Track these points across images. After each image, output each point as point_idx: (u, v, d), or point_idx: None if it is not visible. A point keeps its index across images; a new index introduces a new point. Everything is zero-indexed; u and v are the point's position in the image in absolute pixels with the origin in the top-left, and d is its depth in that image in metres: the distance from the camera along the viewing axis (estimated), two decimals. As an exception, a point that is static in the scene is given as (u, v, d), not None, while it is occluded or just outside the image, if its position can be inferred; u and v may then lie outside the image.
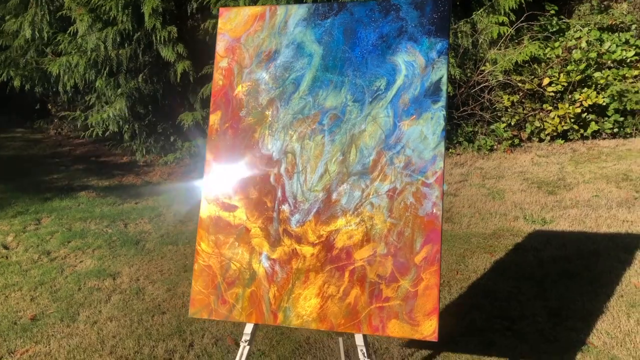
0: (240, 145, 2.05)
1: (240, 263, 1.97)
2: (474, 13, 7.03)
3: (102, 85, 6.50)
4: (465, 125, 7.36)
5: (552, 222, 4.65)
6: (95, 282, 3.78)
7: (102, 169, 7.18)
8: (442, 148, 1.88)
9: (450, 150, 7.15)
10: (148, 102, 6.77)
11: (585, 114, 7.18)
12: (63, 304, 3.46)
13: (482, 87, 7.29)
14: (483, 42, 7.08)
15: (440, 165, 1.87)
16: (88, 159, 7.76)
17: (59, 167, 7.28)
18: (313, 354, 2.85)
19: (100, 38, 6.27)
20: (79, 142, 8.64)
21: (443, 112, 1.90)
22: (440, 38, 1.94)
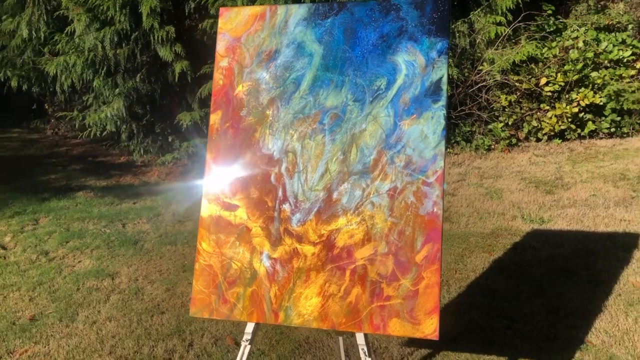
0: (241, 145, 2.05)
1: (241, 262, 1.98)
2: (472, 13, 7.04)
3: (99, 85, 6.48)
4: (463, 125, 7.37)
5: (550, 221, 4.67)
6: (94, 282, 3.78)
7: (99, 169, 7.17)
8: (442, 147, 1.89)
9: (448, 150, 7.16)
10: (146, 102, 6.76)
11: (583, 114, 7.21)
12: (62, 304, 3.45)
13: (479, 86, 7.31)
14: (480, 42, 7.10)
15: (441, 165, 1.88)
16: (85, 159, 7.75)
17: (56, 167, 7.27)
18: (313, 354, 2.85)
19: (98, 38, 6.26)
20: (76, 142, 8.62)
21: (443, 111, 1.91)
22: (441, 38, 1.94)
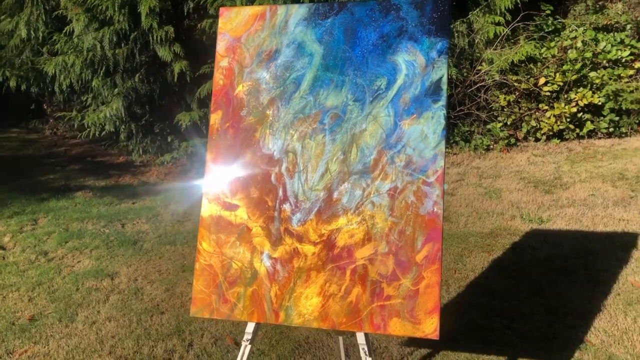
0: (241, 145, 2.05)
1: (242, 262, 1.98)
2: (470, 13, 7.05)
3: (98, 85, 6.47)
4: (462, 125, 7.38)
5: (548, 221, 4.68)
6: (93, 282, 3.78)
7: (98, 169, 7.16)
8: (442, 147, 1.89)
9: (447, 150, 7.15)
10: (145, 102, 6.75)
11: (581, 114, 7.22)
12: (61, 305, 3.45)
13: (478, 86, 7.32)
14: (479, 42, 7.10)
15: (441, 164, 1.88)
16: (84, 159, 7.74)
17: (55, 167, 7.26)
18: (313, 353, 2.86)
19: (97, 38, 6.25)
20: (75, 142, 8.62)
21: (443, 111, 1.91)
22: (441, 38, 1.94)
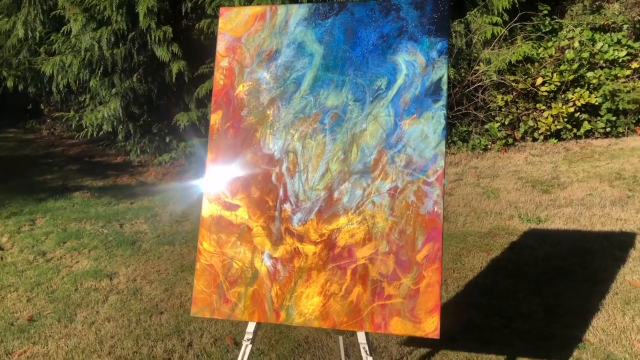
0: (242, 145, 2.05)
1: (243, 262, 1.98)
2: (468, 13, 7.06)
3: (96, 85, 6.47)
4: (460, 125, 7.40)
5: (546, 220, 4.69)
6: (92, 282, 3.77)
7: (96, 169, 7.15)
8: (442, 147, 1.90)
9: (445, 150, 7.17)
10: (143, 102, 6.74)
11: (578, 114, 7.24)
12: (60, 305, 3.45)
13: (476, 86, 7.33)
14: (477, 42, 7.12)
15: (441, 164, 1.89)
16: (82, 159, 7.72)
17: (53, 167, 7.24)
18: (312, 353, 2.86)
19: (95, 38, 6.24)
20: (72, 142, 8.60)
21: (443, 111, 1.92)
22: (440, 38, 1.95)
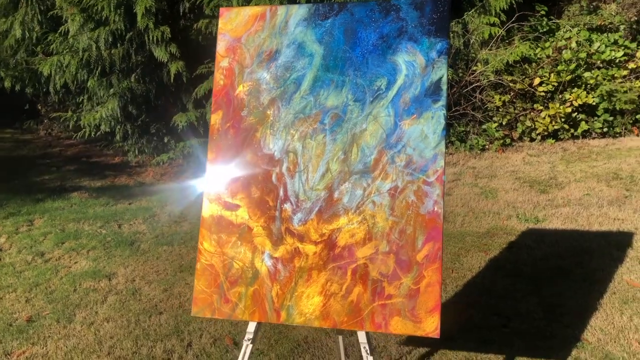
0: (242, 145, 2.06)
1: (243, 262, 1.98)
2: (465, 14, 7.08)
3: (94, 86, 6.45)
4: (458, 125, 7.41)
5: (544, 220, 4.71)
6: (91, 283, 3.77)
7: (93, 170, 7.14)
8: (442, 147, 1.90)
9: (443, 150, 7.18)
10: (141, 102, 6.73)
11: (576, 114, 7.27)
12: (59, 305, 3.44)
13: (473, 87, 7.35)
14: (474, 42, 7.13)
15: (441, 164, 1.89)
16: (79, 160, 7.71)
17: (50, 167, 7.23)
18: (312, 353, 2.86)
19: (92, 38, 6.22)
20: (70, 142, 8.58)
21: (443, 111, 1.92)
22: (440, 38, 1.96)
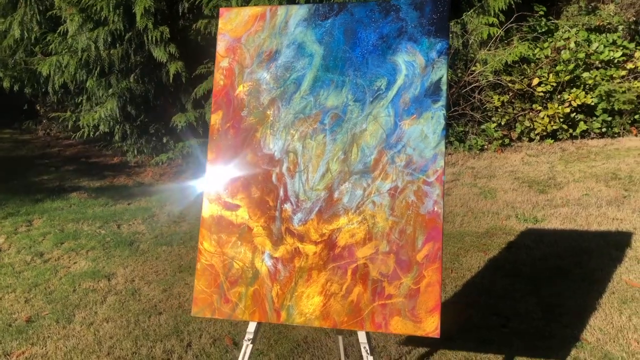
0: (242, 145, 2.06)
1: (243, 262, 1.98)
2: (464, 14, 7.08)
3: (93, 86, 6.44)
4: (456, 125, 7.42)
5: (543, 220, 4.71)
6: (90, 283, 3.76)
7: (92, 170, 7.13)
8: (442, 147, 1.91)
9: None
10: (140, 102, 6.73)
11: (574, 114, 7.28)
12: (58, 306, 3.44)
13: (472, 87, 7.35)
14: (473, 42, 7.14)
15: (441, 164, 1.90)
16: (78, 160, 7.70)
17: (49, 168, 7.22)
18: (311, 353, 2.86)
19: (91, 38, 6.22)
20: (68, 142, 8.57)
21: (443, 111, 1.93)
22: (440, 38, 1.96)
